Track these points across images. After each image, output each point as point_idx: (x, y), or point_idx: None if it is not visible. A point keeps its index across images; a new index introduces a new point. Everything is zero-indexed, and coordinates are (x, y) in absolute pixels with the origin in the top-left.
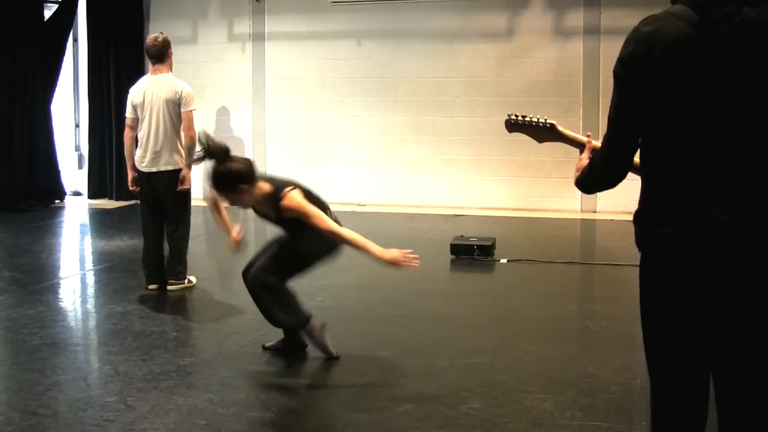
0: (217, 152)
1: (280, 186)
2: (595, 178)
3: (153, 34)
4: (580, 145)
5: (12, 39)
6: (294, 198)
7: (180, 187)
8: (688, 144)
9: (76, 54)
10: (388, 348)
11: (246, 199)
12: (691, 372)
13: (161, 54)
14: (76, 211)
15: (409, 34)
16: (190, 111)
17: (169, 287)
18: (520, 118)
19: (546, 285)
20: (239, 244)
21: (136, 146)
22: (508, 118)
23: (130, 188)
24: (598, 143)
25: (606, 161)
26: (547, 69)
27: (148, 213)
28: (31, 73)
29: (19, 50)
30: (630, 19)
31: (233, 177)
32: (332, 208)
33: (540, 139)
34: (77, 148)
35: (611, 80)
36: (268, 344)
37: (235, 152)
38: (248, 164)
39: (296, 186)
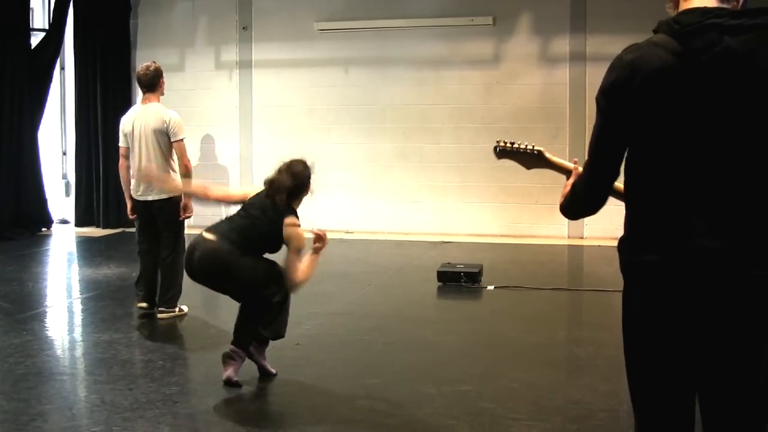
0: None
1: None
2: (576, 204)
3: (145, 62)
4: (567, 172)
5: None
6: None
7: (183, 216)
8: (670, 171)
9: (63, 82)
10: (374, 375)
11: None
12: (675, 400)
13: (152, 83)
14: (63, 239)
15: (396, 61)
16: (181, 140)
17: (159, 315)
18: (508, 144)
19: (533, 311)
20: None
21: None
22: (496, 144)
23: (129, 216)
24: None
25: (586, 188)
26: (534, 95)
27: (145, 239)
28: (18, 101)
29: (6, 78)
30: (615, 46)
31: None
32: None
33: (528, 166)
34: (64, 176)
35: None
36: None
37: (221, 180)
38: None
39: None
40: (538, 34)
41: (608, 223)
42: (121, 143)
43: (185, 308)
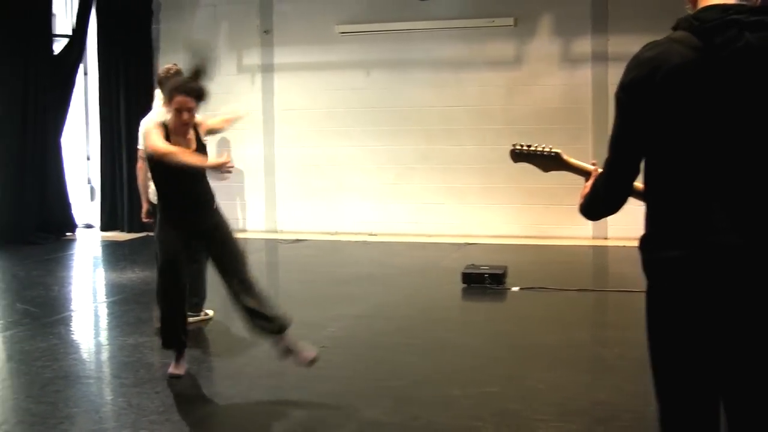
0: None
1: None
2: (596, 204)
3: (166, 65)
4: (586, 174)
5: (23, 73)
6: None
7: None
8: (691, 168)
9: (86, 87)
10: (399, 377)
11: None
12: (700, 400)
13: None
14: (88, 244)
15: (417, 64)
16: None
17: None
18: (524, 147)
19: (558, 312)
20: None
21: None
22: (512, 148)
23: (143, 220)
24: None
25: (607, 186)
26: (556, 96)
27: None
28: (42, 107)
29: (30, 84)
30: (637, 45)
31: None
32: (343, 238)
33: (545, 169)
34: (88, 181)
35: None
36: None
37: (237, 183)
38: None
39: None
40: (560, 35)
41: (632, 223)
42: (141, 146)
43: (211, 312)
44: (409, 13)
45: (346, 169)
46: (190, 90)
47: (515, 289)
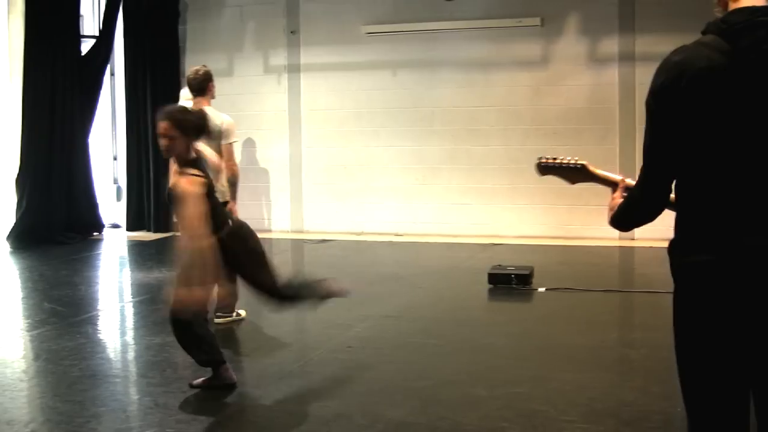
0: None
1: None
2: (633, 212)
3: (195, 66)
4: (613, 184)
5: (50, 74)
6: (191, 183)
7: None
8: (720, 170)
9: (113, 88)
10: (426, 378)
11: (177, 145)
12: (729, 402)
13: (202, 87)
14: (115, 244)
15: (444, 64)
16: (231, 143)
17: (216, 320)
18: (551, 160)
19: (585, 313)
20: None
21: None
22: (538, 161)
23: (175, 220)
24: (632, 182)
25: (645, 192)
26: (583, 96)
27: None
28: (69, 107)
29: (57, 85)
30: (665, 45)
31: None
32: (369, 238)
33: (572, 181)
34: (115, 181)
35: None
36: (195, 382)
37: (263, 184)
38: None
39: (205, 178)
40: (587, 35)
41: (659, 224)
42: None
43: (243, 313)
44: (435, 13)
45: (373, 170)
46: (167, 114)
47: (542, 289)
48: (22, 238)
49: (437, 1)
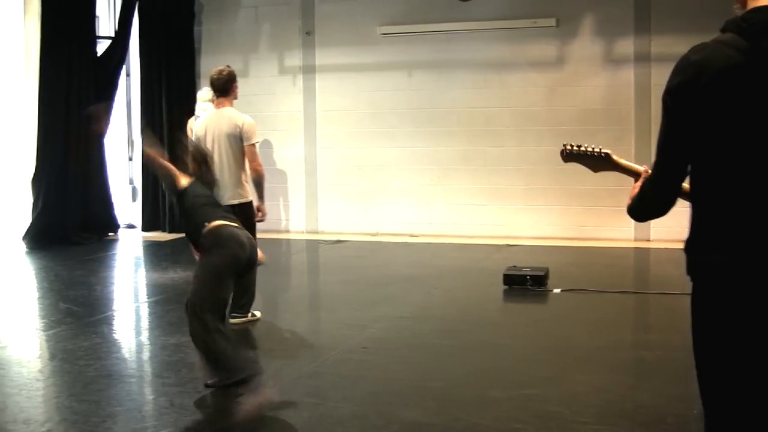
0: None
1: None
2: (645, 206)
3: (219, 66)
4: (636, 174)
5: (66, 74)
6: None
7: (257, 219)
8: (737, 170)
9: (128, 88)
10: (441, 379)
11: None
12: (747, 402)
13: (225, 87)
14: (130, 244)
15: (459, 64)
16: (253, 144)
17: (232, 320)
18: (575, 147)
19: (600, 314)
20: None
21: None
22: (563, 148)
23: None
24: None
25: (655, 188)
26: (598, 97)
27: None
28: (85, 108)
29: (73, 85)
30: (681, 46)
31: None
32: (384, 239)
33: (595, 169)
34: (131, 181)
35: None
36: (210, 381)
37: (280, 184)
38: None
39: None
40: (602, 36)
41: (675, 225)
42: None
43: (258, 314)
44: (450, 14)
45: (388, 170)
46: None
47: (557, 290)
48: (38, 239)
49: (452, 1)
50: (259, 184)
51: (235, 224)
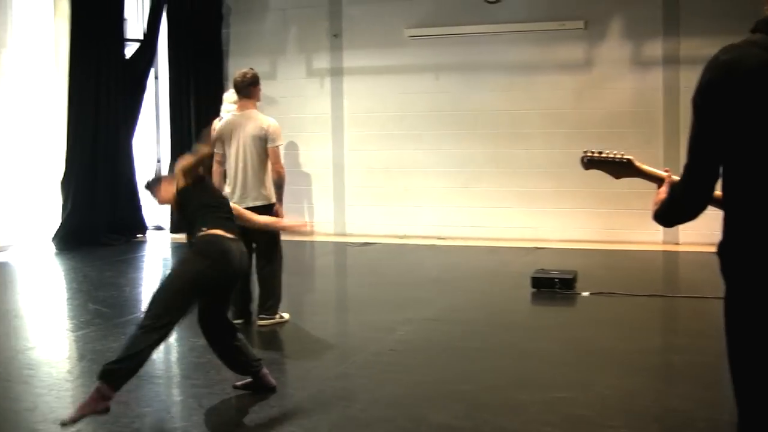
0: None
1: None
2: (675, 210)
3: (242, 69)
4: (659, 180)
5: (95, 77)
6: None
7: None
8: None
9: (157, 90)
10: (469, 381)
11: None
12: None
13: (248, 89)
14: (158, 245)
15: (487, 67)
16: (277, 146)
17: (259, 322)
18: (596, 154)
19: (628, 318)
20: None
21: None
22: (583, 154)
23: None
24: (677, 177)
25: (686, 191)
26: (626, 100)
27: None
28: (113, 110)
29: (101, 88)
30: (710, 48)
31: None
32: (412, 242)
33: (617, 175)
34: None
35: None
36: (238, 383)
37: (305, 186)
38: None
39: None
40: (631, 38)
41: (704, 228)
42: (217, 149)
43: (286, 315)
44: (478, 16)
45: (415, 173)
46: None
47: (585, 294)
48: (67, 240)
49: (480, 4)
50: (279, 186)
51: (232, 235)
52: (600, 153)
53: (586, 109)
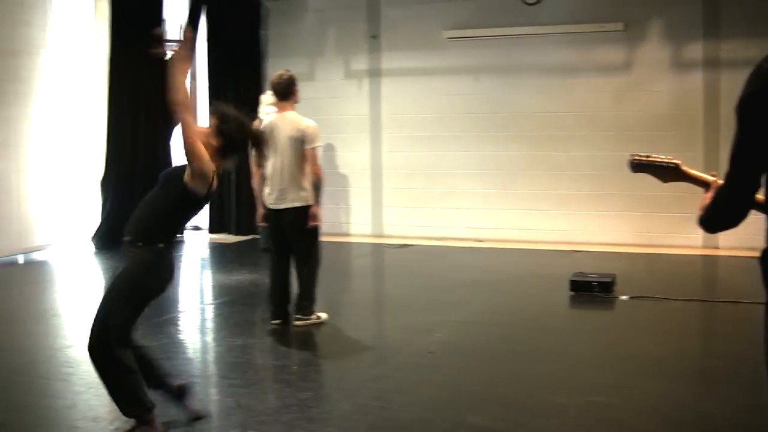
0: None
1: None
2: (716, 217)
3: (279, 71)
4: (705, 185)
5: (134, 78)
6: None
7: (311, 224)
8: None
9: (195, 92)
10: (506, 384)
11: None
12: None
13: (286, 91)
14: (197, 246)
15: (525, 69)
16: (314, 148)
17: (296, 322)
18: (644, 157)
19: (667, 322)
20: None
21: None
22: (632, 158)
23: (258, 224)
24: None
25: (727, 200)
26: (666, 102)
27: (275, 248)
28: (152, 111)
29: (141, 89)
30: (751, 50)
31: None
32: (450, 243)
33: (664, 179)
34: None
35: (732, 113)
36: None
37: (342, 188)
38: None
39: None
40: (670, 40)
41: (744, 232)
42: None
43: (324, 316)
44: (516, 18)
45: (453, 175)
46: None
47: (624, 297)
48: (106, 239)
49: (518, 5)
50: (317, 188)
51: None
52: (648, 156)
53: (624, 112)
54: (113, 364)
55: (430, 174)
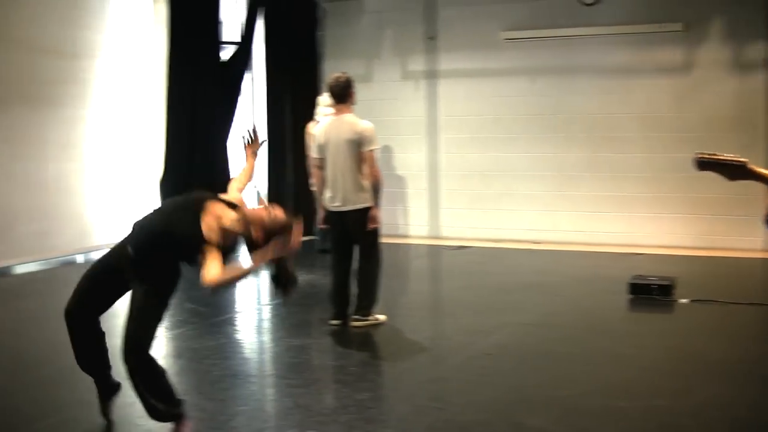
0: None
1: None
2: None
3: (336, 73)
4: None
5: (192, 79)
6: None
7: (370, 226)
8: None
9: (253, 93)
10: (565, 387)
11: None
12: None
13: (343, 93)
14: None
15: (583, 70)
16: (371, 150)
17: (354, 323)
18: (710, 156)
19: (729, 326)
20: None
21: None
22: (698, 156)
23: (319, 226)
24: None
25: None
26: (727, 103)
27: (337, 250)
28: (210, 113)
29: (198, 90)
30: None
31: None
32: (507, 245)
33: (731, 178)
34: (255, 186)
35: None
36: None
37: (400, 189)
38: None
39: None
40: (731, 40)
41: None
42: (315, 154)
43: (381, 317)
44: (574, 18)
45: (510, 177)
46: None
47: (684, 301)
48: None
49: (576, 6)
50: (376, 190)
51: None
52: (713, 155)
53: (684, 113)
54: (151, 367)
55: (486, 175)
